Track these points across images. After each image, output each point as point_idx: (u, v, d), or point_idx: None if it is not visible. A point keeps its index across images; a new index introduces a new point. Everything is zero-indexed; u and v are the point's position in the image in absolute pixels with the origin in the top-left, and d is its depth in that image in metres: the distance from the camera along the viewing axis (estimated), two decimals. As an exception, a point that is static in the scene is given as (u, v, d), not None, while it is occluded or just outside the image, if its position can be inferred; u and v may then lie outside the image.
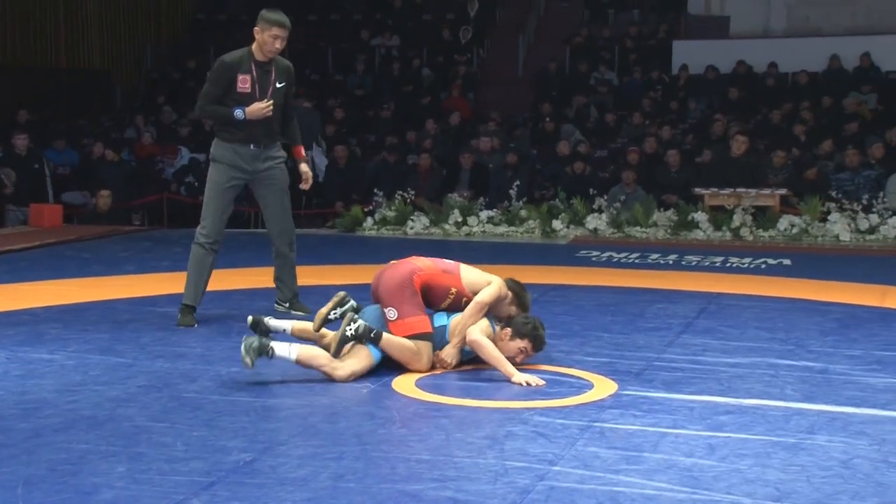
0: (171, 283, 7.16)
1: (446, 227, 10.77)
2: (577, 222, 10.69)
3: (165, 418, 3.98)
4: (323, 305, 4.96)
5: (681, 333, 5.64)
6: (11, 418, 3.97)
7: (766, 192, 10.76)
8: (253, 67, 5.79)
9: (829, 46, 15.16)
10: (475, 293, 4.85)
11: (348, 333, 4.58)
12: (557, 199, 11.03)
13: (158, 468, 3.40)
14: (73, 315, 6.03)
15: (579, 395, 4.38)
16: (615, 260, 8.78)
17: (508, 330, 4.77)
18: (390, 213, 11.05)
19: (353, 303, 4.95)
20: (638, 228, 10.53)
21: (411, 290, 4.77)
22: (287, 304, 6.16)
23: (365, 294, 5.21)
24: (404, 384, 4.50)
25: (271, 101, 5.79)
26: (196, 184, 12.49)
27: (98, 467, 3.42)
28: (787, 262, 8.67)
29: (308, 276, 7.50)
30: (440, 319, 4.84)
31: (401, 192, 11.11)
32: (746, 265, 8.48)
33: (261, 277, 7.48)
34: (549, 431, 3.84)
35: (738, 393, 4.40)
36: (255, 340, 4.45)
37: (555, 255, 9.20)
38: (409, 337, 4.68)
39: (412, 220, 10.93)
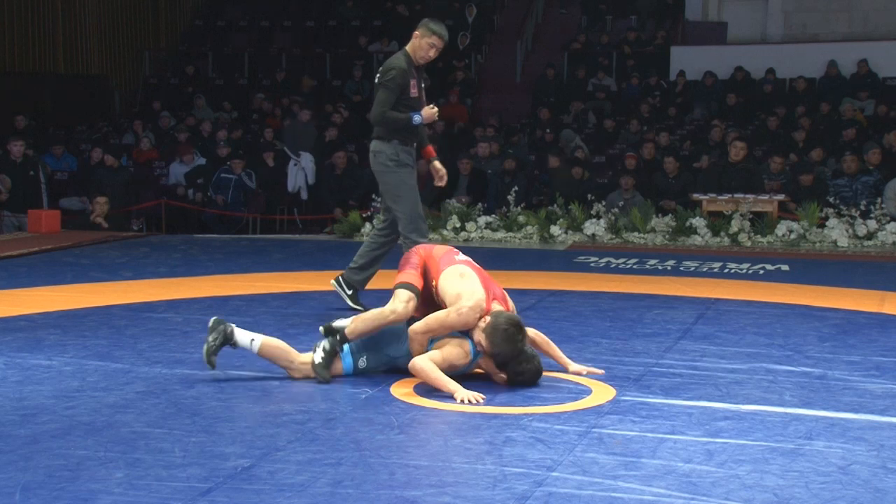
0: (168, 289, 7.17)
1: (444, 232, 10.77)
2: (575, 228, 10.69)
3: (163, 424, 3.98)
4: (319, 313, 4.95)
5: (679, 339, 5.64)
6: (9, 424, 3.97)
7: (764, 197, 10.76)
8: (415, 72, 6.14)
9: (826, 53, 15.21)
10: (443, 301, 4.66)
11: (318, 360, 4.62)
12: (555, 205, 11.04)
13: (156, 474, 3.40)
14: (71, 321, 6.03)
15: (578, 400, 4.38)
16: (613, 266, 8.78)
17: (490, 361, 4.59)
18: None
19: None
20: (636, 234, 10.53)
21: (414, 260, 4.84)
22: (351, 292, 6.34)
23: (365, 299, 5.22)
24: (403, 390, 4.50)
25: (435, 109, 6.14)
26: (202, 188, 12.52)
27: (96, 473, 3.41)
28: (785, 267, 8.67)
29: (306, 282, 7.50)
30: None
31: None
32: (744, 271, 8.48)
33: (259, 283, 7.49)
34: (547, 437, 3.83)
35: (737, 399, 4.40)
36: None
37: (553, 261, 9.20)
38: (395, 287, 4.73)
39: (410, 225, 10.91)
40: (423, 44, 6.02)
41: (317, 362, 4.62)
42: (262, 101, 15.68)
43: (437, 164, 6.41)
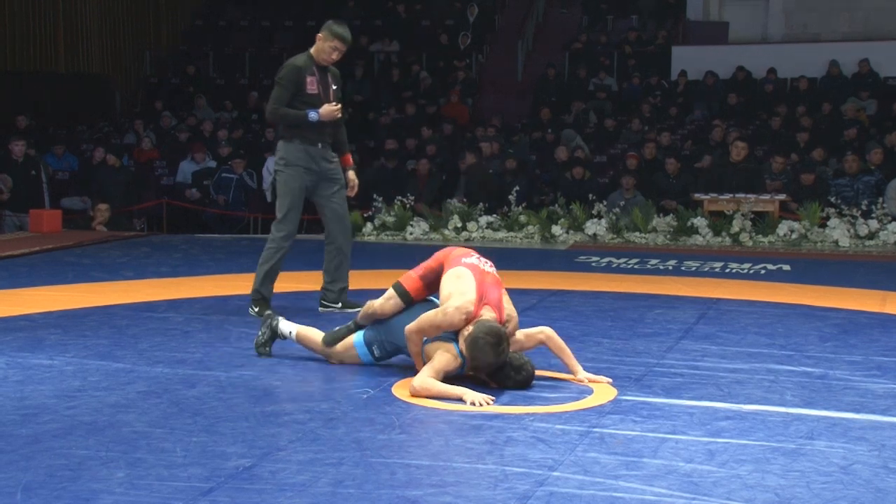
0: (169, 289, 7.17)
1: (446, 232, 10.77)
2: (576, 228, 10.69)
3: (164, 424, 3.98)
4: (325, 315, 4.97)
5: (680, 339, 5.64)
6: (10, 424, 3.97)
7: (766, 197, 10.76)
8: (316, 70, 6.10)
9: (827, 52, 15.21)
10: (441, 301, 4.64)
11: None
12: (557, 205, 11.04)
13: (158, 474, 3.40)
14: (73, 321, 6.03)
15: (579, 400, 4.38)
16: (614, 265, 8.78)
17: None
18: (389, 219, 11.05)
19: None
20: (637, 234, 10.53)
21: (432, 258, 4.88)
22: (339, 305, 6.36)
23: (366, 300, 5.20)
24: (404, 390, 4.50)
25: (340, 105, 6.11)
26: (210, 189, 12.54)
27: (97, 473, 3.41)
28: (786, 267, 8.67)
29: (307, 281, 7.50)
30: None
31: (400, 198, 11.11)
32: (746, 271, 8.48)
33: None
34: (548, 437, 3.83)
35: (738, 398, 4.40)
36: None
37: (554, 261, 9.20)
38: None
39: (411, 225, 10.93)
40: (325, 47, 6.06)
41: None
42: (256, 100, 15.66)
43: (350, 173, 6.33)
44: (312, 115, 6.01)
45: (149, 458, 3.57)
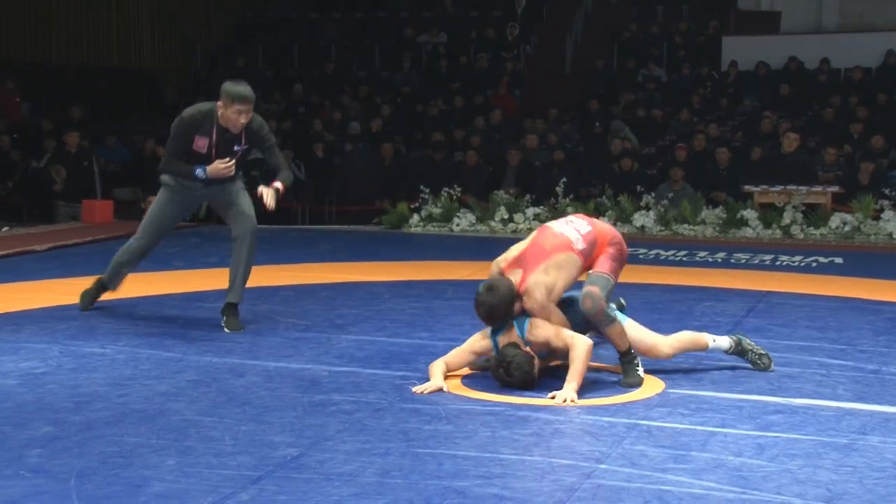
0: (218, 279, 7.22)
1: (492, 223, 10.76)
2: (623, 219, 10.61)
3: (214, 413, 4.02)
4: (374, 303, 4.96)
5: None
6: (64, 411, 4.04)
7: (818, 189, 10.60)
8: (214, 131, 5.57)
9: (883, 41, 14.90)
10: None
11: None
12: (604, 197, 10.97)
13: (207, 462, 3.44)
14: (124, 310, 6.11)
15: (626, 393, 4.35)
16: (662, 258, 8.71)
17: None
18: (436, 210, 11.06)
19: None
20: (686, 226, 10.44)
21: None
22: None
23: (412, 291, 5.22)
24: (450, 381, 4.50)
25: (233, 162, 5.62)
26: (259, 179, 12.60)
27: (148, 460, 3.46)
28: (838, 260, 8.54)
29: (354, 272, 7.54)
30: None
31: (447, 189, 11.11)
32: (797, 263, 8.36)
33: (308, 274, 7.54)
34: (595, 430, 3.82)
35: (789, 392, 4.34)
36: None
37: (602, 253, 9.12)
38: None
39: (458, 216, 10.93)
40: (229, 115, 5.48)
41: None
42: (300, 92, 15.75)
43: (269, 190, 5.62)
44: (199, 173, 5.60)
45: (198, 446, 3.61)
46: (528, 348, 4.39)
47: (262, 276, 7.44)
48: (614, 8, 17.62)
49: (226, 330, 5.58)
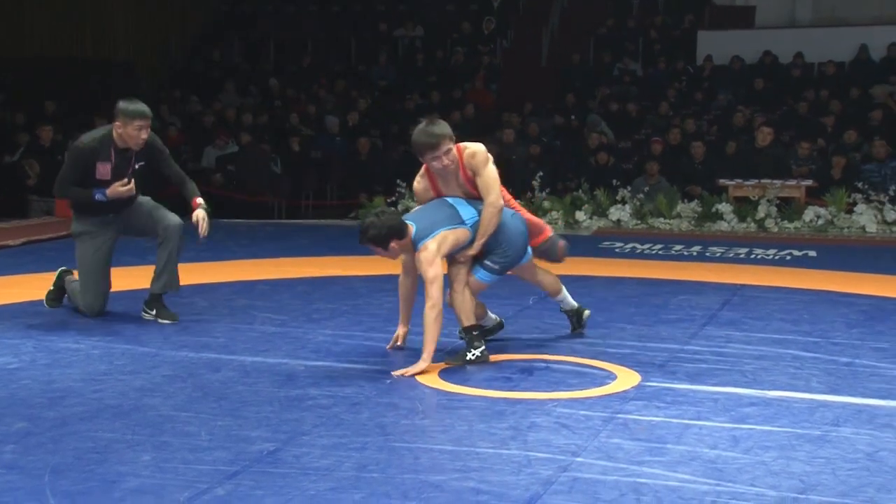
0: (193, 274, 7.21)
1: (469, 218, 10.75)
2: (600, 213, 10.65)
3: (190, 408, 4.01)
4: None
5: (704, 325, 5.62)
6: (38, 406, 4.01)
7: (792, 182, 10.68)
8: (112, 154, 5.58)
9: (856, 36, 15.01)
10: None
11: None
12: (581, 191, 11.00)
13: (183, 457, 3.42)
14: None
15: (602, 386, 4.37)
16: (638, 251, 8.75)
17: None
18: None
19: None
20: (661, 220, 10.49)
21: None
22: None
23: (389, 286, 5.21)
24: (427, 375, 4.51)
25: (132, 183, 5.61)
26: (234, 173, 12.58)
27: (124, 456, 3.45)
28: (812, 253, 8.60)
29: (330, 267, 7.53)
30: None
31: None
32: (771, 257, 8.42)
33: (285, 268, 7.52)
34: (572, 423, 3.83)
35: (763, 385, 4.38)
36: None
37: (578, 247, 9.13)
38: None
39: (435, 211, 10.91)
40: (129, 132, 5.50)
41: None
42: (277, 86, 15.71)
43: (198, 213, 5.76)
44: (99, 197, 5.56)
45: (174, 441, 3.59)
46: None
47: (239, 271, 7.42)
48: (590, 2, 17.65)
49: (160, 321, 5.62)
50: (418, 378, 4.46)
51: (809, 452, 3.52)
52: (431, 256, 4.60)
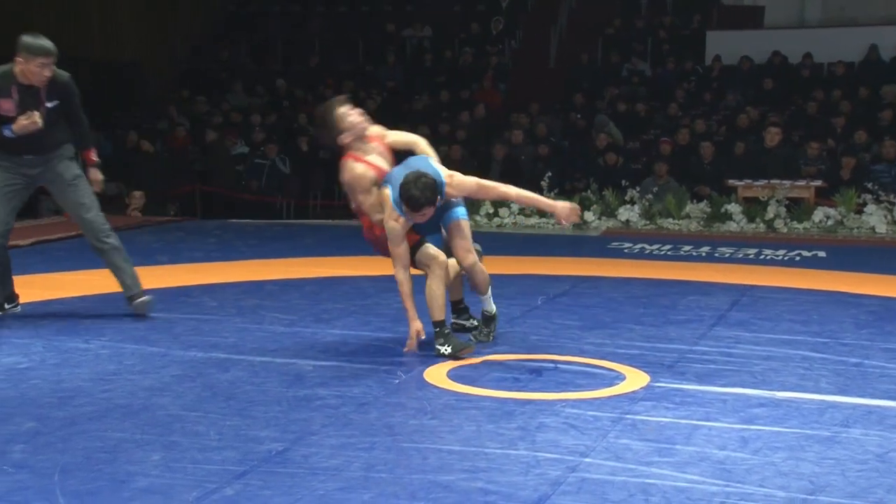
0: (203, 274, 7.23)
1: (477, 218, 10.76)
2: (608, 214, 10.64)
3: (199, 407, 4.01)
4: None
5: (713, 326, 5.60)
6: (48, 406, 4.02)
7: (801, 183, 10.65)
8: (14, 91, 5.49)
9: (865, 36, 14.97)
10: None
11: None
12: (589, 191, 10.98)
13: (192, 457, 3.43)
14: (108, 304, 6.08)
15: (611, 386, 4.36)
16: (647, 252, 8.73)
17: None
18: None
19: None
20: (670, 220, 10.47)
21: None
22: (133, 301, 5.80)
23: (397, 286, 5.20)
24: (436, 375, 4.51)
25: (36, 114, 5.51)
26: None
27: (133, 455, 3.45)
28: (821, 254, 8.58)
29: (339, 267, 7.53)
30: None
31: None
32: (780, 257, 8.40)
33: (293, 268, 7.53)
34: (580, 423, 3.83)
35: (772, 385, 4.36)
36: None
37: (586, 247, 9.16)
38: None
39: (443, 211, 10.91)
40: (31, 69, 5.41)
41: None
42: (285, 86, 15.73)
43: (92, 171, 5.88)
44: (6, 133, 5.49)
45: (183, 441, 3.60)
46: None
47: (248, 271, 7.42)
48: (599, 2, 17.64)
49: (141, 313, 5.72)
50: (427, 378, 4.46)
51: (819, 453, 3.51)
52: (394, 234, 4.80)
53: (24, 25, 14.70)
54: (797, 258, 8.36)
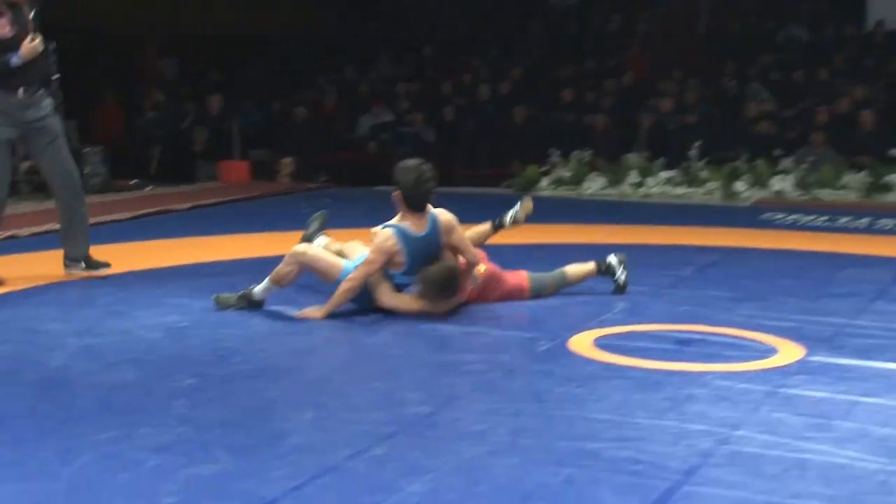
0: (349, 238, 7.34)
1: (624, 188, 10.59)
2: (760, 184, 10.30)
3: (347, 370, 4.11)
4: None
5: (874, 300, 5.36)
6: (208, 364, 4.19)
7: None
8: (5, 9, 5.38)
9: None
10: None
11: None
12: (740, 160, 10.66)
13: (342, 417, 3.51)
14: (261, 268, 6.20)
15: (763, 359, 4.24)
16: (801, 223, 8.43)
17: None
18: (566, 173, 10.95)
19: None
20: (827, 190, 10.06)
21: None
22: (83, 264, 5.85)
23: (537, 253, 5.18)
24: (581, 344, 4.47)
25: (38, 36, 5.41)
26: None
27: (286, 414, 3.56)
28: None
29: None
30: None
31: (578, 152, 10.99)
32: (946, 230, 7.97)
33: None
34: (731, 395, 3.73)
35: (939, 363, 4.15)
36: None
37: (736, 218, 8.90)
38: None
39: (589, 180, 10.80)
40: None
41: None
42: (429, 55, 15.82)
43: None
44: (14, 60, 5.36)
45: (333, 401, 3.69)
46: None
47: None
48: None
49: (94, 272, 5.76)
50: (572, 348, 4.43)
51: None
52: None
53: (192, 7, 14.84)
54: (965, 231, 7.92)
